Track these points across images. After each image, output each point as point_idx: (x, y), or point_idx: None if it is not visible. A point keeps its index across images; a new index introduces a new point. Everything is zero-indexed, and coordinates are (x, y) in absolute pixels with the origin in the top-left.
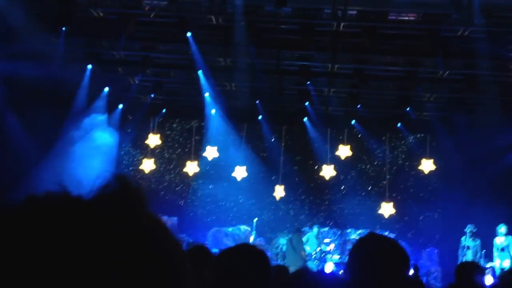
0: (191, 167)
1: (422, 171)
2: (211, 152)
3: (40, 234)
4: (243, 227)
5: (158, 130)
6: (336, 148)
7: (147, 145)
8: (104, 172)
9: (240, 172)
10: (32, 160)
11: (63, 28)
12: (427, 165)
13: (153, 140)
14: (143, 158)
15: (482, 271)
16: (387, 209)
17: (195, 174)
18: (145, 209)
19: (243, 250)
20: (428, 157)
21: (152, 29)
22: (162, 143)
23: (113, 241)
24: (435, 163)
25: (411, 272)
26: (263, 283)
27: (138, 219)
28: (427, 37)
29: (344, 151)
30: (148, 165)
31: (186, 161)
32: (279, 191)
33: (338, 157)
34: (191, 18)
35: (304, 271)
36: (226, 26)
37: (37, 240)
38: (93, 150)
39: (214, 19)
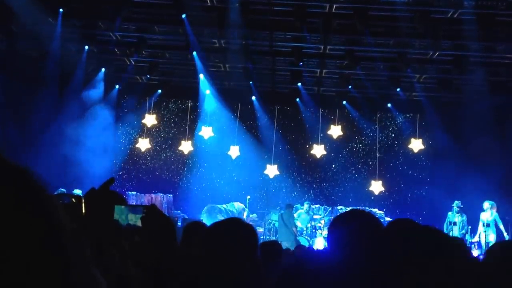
0: (186, 146)
1: (411, 150)
2: (206, 132)
3: None
4: (237, 204)
5: (154, 110)
6: (328, 128)
7: (143, 125)
8: None
9: (234, 151)
10: (31, 138)
11: (60, 10)
12: (416, 144)
13: (150, 119)
14: (139, 137)
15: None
16: (376, 186)
17: (191, 153)
18: None
19: (231, 223)
20: (417, 136)
21: (148, 11)
22: (158, 123)
23: None
24: (423, 142)
25: None
26: (250, 255)
27: None
28: (417, 19)
29: (335, 130)
30: (143, 144)
31: (182, 140)
32: (272, 170)
33: (330, 137)
34: (186, 0)
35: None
36: (220, 7)
37: None
38: (90, 129)
39: (208, 1)
